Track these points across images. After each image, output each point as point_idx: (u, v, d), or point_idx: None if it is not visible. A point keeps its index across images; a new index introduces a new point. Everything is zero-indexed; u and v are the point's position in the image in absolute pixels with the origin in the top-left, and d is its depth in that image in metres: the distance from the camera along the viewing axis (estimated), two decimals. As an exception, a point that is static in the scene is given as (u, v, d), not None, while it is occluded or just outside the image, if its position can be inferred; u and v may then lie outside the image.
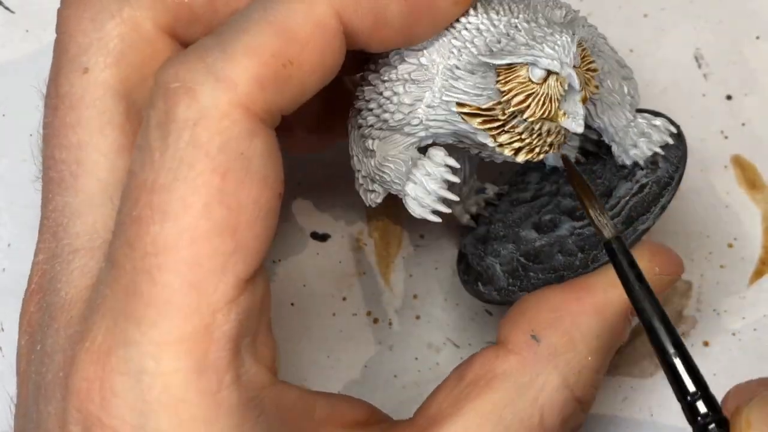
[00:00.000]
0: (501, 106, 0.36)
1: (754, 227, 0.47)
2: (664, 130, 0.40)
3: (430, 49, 0.37)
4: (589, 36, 0.39)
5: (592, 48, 0.38)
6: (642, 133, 0.40)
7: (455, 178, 0.38)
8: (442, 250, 0.47)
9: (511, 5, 0.37)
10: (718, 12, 0.50)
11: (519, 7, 0.37)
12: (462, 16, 0.36)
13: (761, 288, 0.46)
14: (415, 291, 0.46)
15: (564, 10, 0.37)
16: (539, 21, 0.36)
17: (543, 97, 0.36)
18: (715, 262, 0.47)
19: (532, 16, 0.36)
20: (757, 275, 0.46)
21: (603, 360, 0.38)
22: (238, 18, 0.34)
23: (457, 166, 0.38)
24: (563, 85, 0.36)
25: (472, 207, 0.44)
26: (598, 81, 0.38)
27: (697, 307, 0.46)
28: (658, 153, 0.40)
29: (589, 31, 0.39)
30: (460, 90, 0.37)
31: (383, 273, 0.47)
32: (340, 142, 0.41)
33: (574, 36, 0.35)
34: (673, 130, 0.40)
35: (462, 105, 0.37)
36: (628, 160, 0.40)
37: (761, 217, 0.47)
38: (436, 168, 0.37)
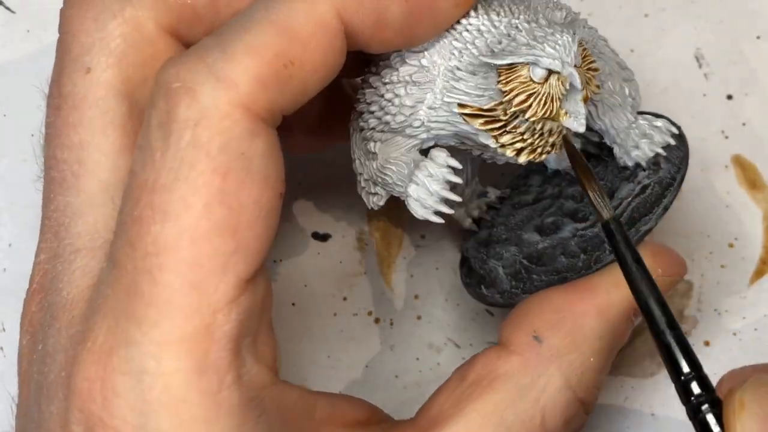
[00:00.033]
0: (502, 107, 0.36)
1: (754, 227, 0.47)
2: (665, 131, 0.40)
3: (431, 51, 0.37)
4: (590, 38, 0.39)
5: (593, 49, 0.38)
6: (644, 135, 0.40)
7: (457, 179, 0.38)
8: (443, 251, 0.47)
9: (512, 6, 0.37)
10: (718, 12, 0.50)
11: (519, 8, 0.37)
12: (463, 17, 0.36)
13: (762, 288, 0.46)
14: (416, 291, 0.46)
15: (564, 12, 0.37)
16: (540, 21, 0.36)
17: (544, 96, 0.36)
18: (716, 261, 0.47)
19: (533, 17, 0.36)
20: (758, 275, 0.46)
21: (605, 361, 0.38)
22: (240, 18, 0.34)
23: (459, 167, 0.38)
24: (564, 84, 0.36)
25: (474, 211, 0.43)
26: (599, 81, 0.38)
27: (697, 307, 0.46)
28: (660, 154, 0.40)
29: (589, 33, 0.39)
30: (461, 91, 0.36)
31: (384, 273, 0.47)
32: (339, 144, 0.41)
33: (574, 35, 0.35)
34: (675, 131, 0.40)
35: (463, 106, 0.37)
36: (629, 162, 0.40)
37: (762, 217, 0.47)
38: (439, 169, 0.37)
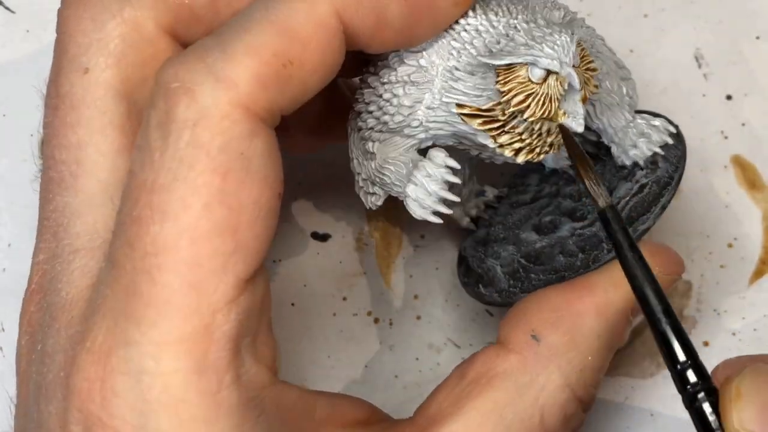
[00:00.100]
0: (501, 107, 0.36)
1: (754, 227, 0.47)
2: (663, 130, 0.40)
3: (430, 51, 0.37)
4: (588, 37, 0.39)
5: (591, 49, 0.38)
6: (641, 134, 0.40)
7: (456, 179, 0.38)
8: (442, 251, 0.47)
9: (510, 6, 0.37)
10: (718, 12, 0.50)
11: (518, 8, 0.37)
12: (461, 17, 0.36)
13: (761, 288, 0.46)
14: (416, 291, 0.46)
15: (562, 11, 0.37)
16: (538, 21, 0.36)
17: (543, 96, 0.36)
18: (715, 262, 0.47)
19: (531, 16, 0.36)
20: (757, 275, 0.46)
21: (604, 360, 0.38)
22: (239, 18, 0.34)
23: (458, 167, 0.38)
24: (563, 84, 0.36)
25: (472, 210, 0.44)
26: (597, 81, 0.38)
27: (697, 307, 0.46)
28: (658, 153, 0.40)
29: (587, 32, 0.39)
30: (459, 91, 0.37)
31: (384, 273, 0.47)
32: (339, 144, 0.41)
33: (573, 35, 0.35)
34: (672, 130, 0.40)
35: (462, 106, 0.37)
36: (627, 161, 0.40)
37: (761, 217, 0.47)
38: (437, 169, 0.37)
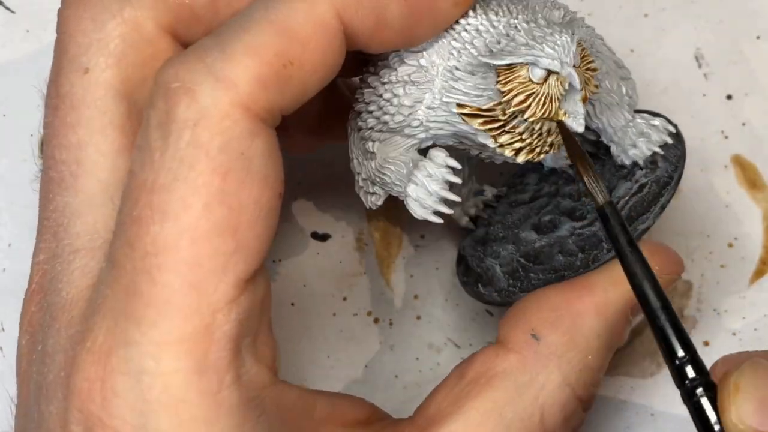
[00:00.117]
0: (501, 107, 0.36)
1: (754, 227, 0.47)
2: (662, 129, 0.40)
3: (430, 51, 0.37)
4: (587, 36, 0.39)
5: (590, 48, 0.38)
6: (641, 133, 0.40)
7: (457, 179, 0.38)
8: (442, 251, 0.47)
9: (510, 6, 0.37)
10: (718, 12, 0.50)
11: (518, 8, 0.37)
12: (461, 17, 0.36)
13: (762, 288, 0.46)
14: (416, 291, 0.46)
15: (562, 11, 0.37)
16: (538, 21, 0.36)
17: (543, 97, 0.36)
18: (716, 261, 0.47)
19: (531, 16, 0.36)
20: (758, 275, 0.46)
21: (603, 359, 0.38)
22: (239, 18, 0.34)
23: (459, 167, 0.38)
24: (563, 84, 0.36)
25: (471, 209, 0.43)
26: (597, 81, 0.38)
27: (697, 307, 0.46)
28: (657, 153, 0.40)
29: (587, 32, 0.39)
30: (460, 91, 0.36)
31: (384, 273, 0.47)
32: (339, 144, 0.41)
33: (573, 35, 0.35)
34: (672, 130, 0.40)
35: (462, 106, 0.37)
36: (627, 160, 0.40)
37: (761, 217, 0.47)
38: (438, 169, 0.37)
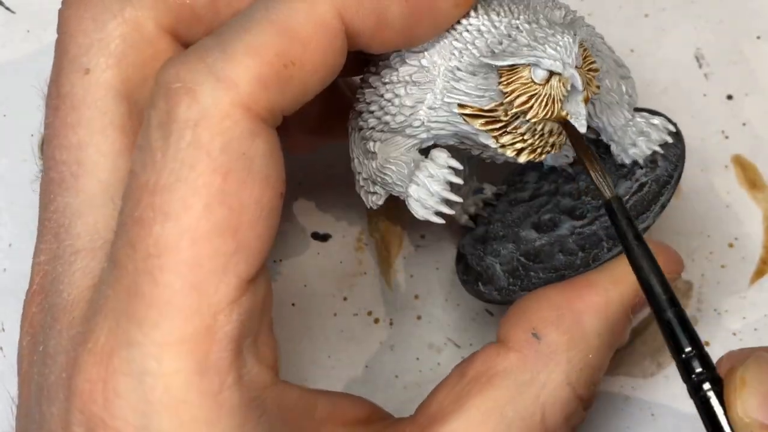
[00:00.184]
0: (503, 107, 0.36)
1: (754, 227, 0.47)
2: (662, 128, 0.40)
3: (431, 51, 0.37)
4: (588, 36, 0.39)
5: (591, 48, 0.38)
6: (641, 132, 0.40)
7: (458, 180, 0.38)
8: (443, 251, 0.47)
9: (512, 6, 0.37)
10: (718, 12, 0.50)
11: (519, 8, 0.37)
12: (463, 17, 0.36)
13: (762, 288, 0.46)
14: (416, 291, 0.46)
15: (563, 11, 0.37)
16: (540, 22, 0.36)
17: (546, 98, 0.36)
18: (716, 261, 0.47)
19: (533, 17, 0.36)
20: (758, 275, 0.46)
21: (604, 358, 0.38)
22: (240, 18, 0.34)
23: (460, 168, 0.38)
24: (566, 85, 0.36)
25: (471, 207, 0.43)
26: (598, 81, 0.38)
27: (697, 307, 0.46)
28: (657, 152, 0.40)
29: (587, 31, 0.39)
30: (461, 91, 0.36)
31: (384, 273, 0.47)
32: (340, 144, 0.41)
33: (575, 36, 0.35)
34: (672, 129, 0.40)
35: (464, 106, 0.37)
36: (627, 159, 0.40)
37: (762, 217, 0.47)
38: (439, 169, 0.37)
